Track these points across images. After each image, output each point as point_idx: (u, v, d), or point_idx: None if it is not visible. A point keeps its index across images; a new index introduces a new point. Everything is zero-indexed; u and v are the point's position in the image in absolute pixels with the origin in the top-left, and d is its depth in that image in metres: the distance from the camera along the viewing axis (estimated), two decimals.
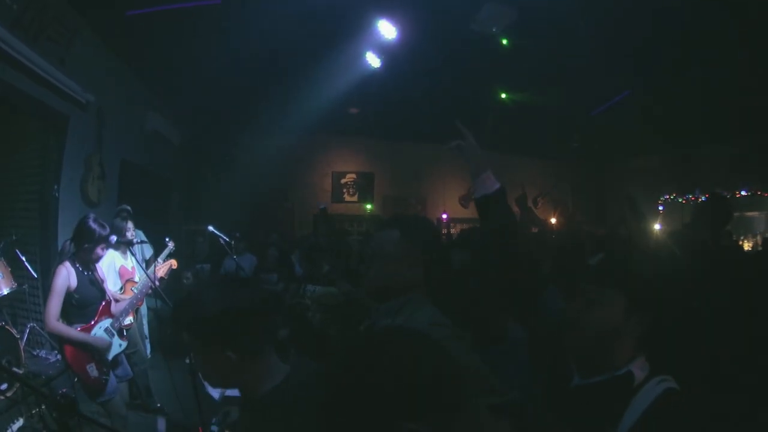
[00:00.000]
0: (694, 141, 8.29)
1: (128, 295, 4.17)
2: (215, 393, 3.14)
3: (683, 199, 8.77)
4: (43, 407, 4.01)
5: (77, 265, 3.47)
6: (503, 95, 7.39)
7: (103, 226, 3.50)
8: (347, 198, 10.37)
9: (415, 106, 7.60)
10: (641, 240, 3.44)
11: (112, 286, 4.31)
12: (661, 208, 9.20)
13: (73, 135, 5.39)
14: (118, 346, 3.66)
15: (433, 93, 7.08)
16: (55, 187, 5.31)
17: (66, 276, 3.36)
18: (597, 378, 1.46)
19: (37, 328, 5.19)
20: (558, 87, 6.85)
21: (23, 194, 5.57)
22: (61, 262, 3.46)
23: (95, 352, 3.46)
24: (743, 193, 8.06)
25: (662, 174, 9.34)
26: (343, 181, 10.39)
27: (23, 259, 4.94)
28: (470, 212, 8.74)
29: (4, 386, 4.18)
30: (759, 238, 7.94)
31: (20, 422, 4.09)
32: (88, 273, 3.55)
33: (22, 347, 4.62)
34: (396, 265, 1.79)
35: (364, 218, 10.27)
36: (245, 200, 9.15)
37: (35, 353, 5.08)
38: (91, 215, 3.55)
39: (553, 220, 10.68)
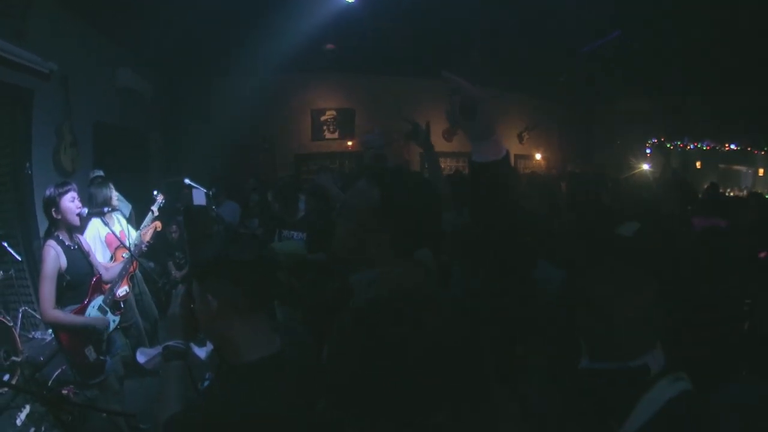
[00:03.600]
0: (686, 90, 8.14)
1: (120, 262, 3.98)
2: (201, 353, 3.20)
3: (671, 145, 8.77)
4: (45, 390, 4.11)
5: (62, 240, 3.28)
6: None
7: (60, 184, 3.28)
8: (327, 135, 10.09)
9: (393, 39, 7.25)
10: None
11: (100, 257, 4.16)
12: (648, 150, 9.19)
13: (39, 108, 5.05)
14: (112, 322, 3.56)
15: (411, 24, 6.74)
16: (27, 164, 5.06)
17: (55, 256, 3.18)
18: (608, 364, 1.36)
19: (29, 311, 5.14)
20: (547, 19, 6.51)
21: None
22: (44, 243, 3.30)
23: (93, 333, 3.35)
24: (732, 146, 8.07)
25: (652, 119, 9.22)
26: (322, 118, 10.07)
27: (5, 244, 4.79)
28: (455, 146, 8.62)
29: (6, 377, 4.15)
30: (746, 192, 8.05)
31: (27, 409, 4.09)
32: (74, 247, 3.36)
33: (17, 333, 4.61)
34: (368, 236, 1.42)
35: (345, 155, 10.08)
36: (225, 146, 8.90)
37: (30, 336, 5.07)
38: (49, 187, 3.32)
39: (538, 156, 10.69)
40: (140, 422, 3.71)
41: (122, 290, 3.88)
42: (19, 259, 4.92)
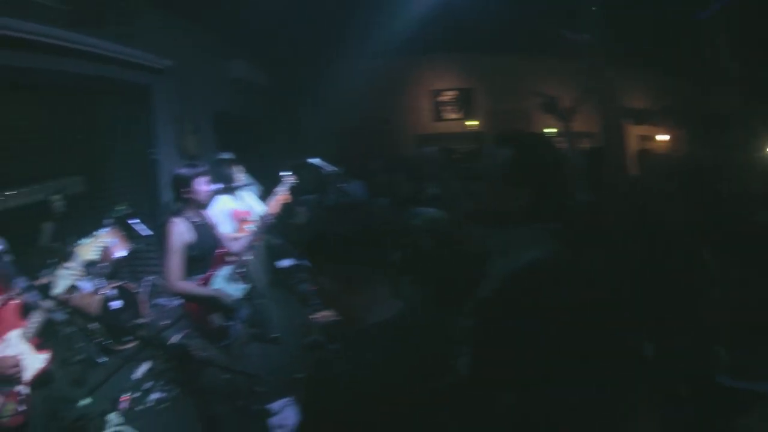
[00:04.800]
0: None
1: (244, 234, 4.08)
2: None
3: None
4: (165, 349, 4.65)
5: (189, 216, 3.35)
6: None
7: (193, 165, 3.38)
8: (448, 116, 9.94)
9: (512, 15, 6.86)
10: None
11: (226, 230, 4.27)
12: None
13: (158, 100, 5.72)
14: (239, 290, 3.59)
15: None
16: (151, 150, 5.76)
17: (181, 232, 3.25)
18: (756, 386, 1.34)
19: (156, 279, 5.91)
20: None
21: (124, 162, 6.16)
22: (169, 219, 3.36)
23: (218, 301, 3.41)
24: None
25: None
26: (442, 98, 9.95)
27: (134, 221, 5.48)
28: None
29: (130, 337, 4.83)
30: None
31: (147, 365, 4.62)
32: (201, 222, 3.44)
33: (143, 300, 5.33)
34: (507, 189, 1.56)
35: (467, 135, 9.85)
36: (344, 129, 9.11)
37: (155, 302, 5.82)
38: (179, 165, 3.49)
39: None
40: (257, 386, 4.02)
41: (247, 261, 3.99)
42: (147, 234, 5.62)
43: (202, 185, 3.33)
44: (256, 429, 3.45)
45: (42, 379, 2.46)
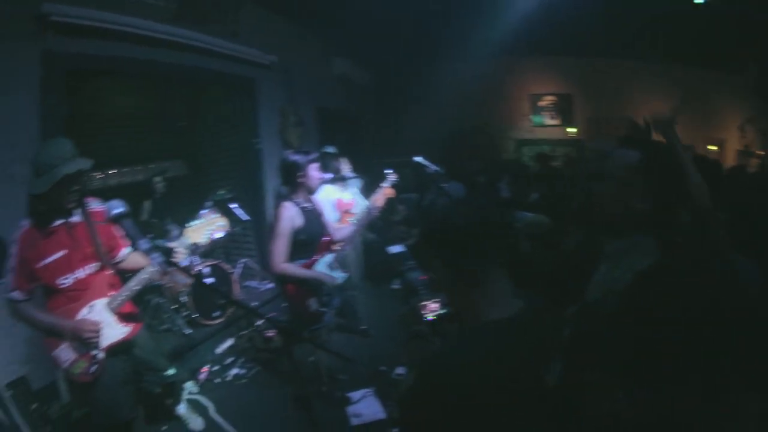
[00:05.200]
0: None
1: (346, 225, 4.14)
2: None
3: None
4: (253, 329, 4.90)
5: (299, 202, 3.40)
6: None
7: (305, 152, 3.42)
8: (548, 121, 9.58)
9: (613, 19, 6.47)
10: None
11: (330, 219, 4.37)
12: None
13: (263, 93, 6.03)
14: (338, 278, 3.60)
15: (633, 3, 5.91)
16: (255, 140, 6.08)
17: (290, 216, 3.29)
18: None
19: (249, 263, 6.27)
20: None
21: (228, 151, 6.57)
22: (280, 203, 3.42)
23: (318, 286, 3.44)
24: None
25: None
26: (541, 103, 9.61)
27: (233, 206, 5.85)
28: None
29: (218, 313, 5.17)
30: None
31: (230, 341, 4.95)
32: (310, 208, 3.48)
33: (235, 280, 5.65)
34: (628, 192, 1.55)
35: (566, 142, 9.44)
36: (443, 129, 9.11)
37: (246, 284, 6.17)
38: (288, 151, 3.52)
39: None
40: (340, 373, 4.04)
41: (347, 251, 4.05)
42: (246, 218, 5.96)
43: (314, 171, 3.38)
44: (334, 414, 3.59)
45: (121, 348, 2.66)
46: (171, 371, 3.08)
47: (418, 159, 5.16)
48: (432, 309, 2.26)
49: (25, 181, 3.41)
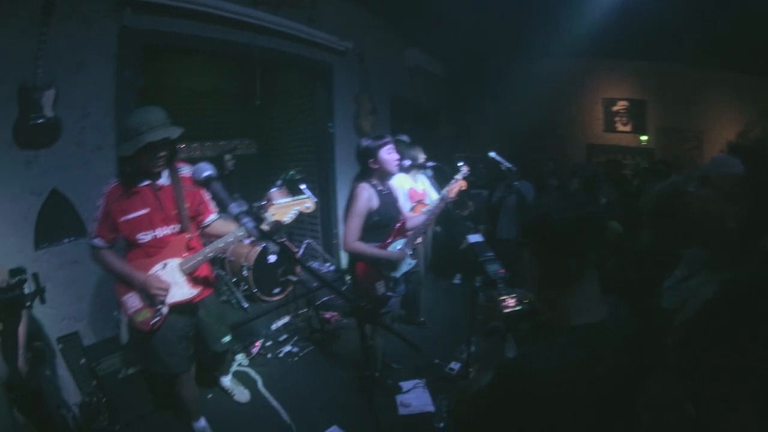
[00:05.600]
0: None
1: (419, 215, 4.11)
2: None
3: None
4: (313, 307, 4.98)
5: (375, 184, 3.43)
6: None
7: (377, 137, 3.44)
8: (620, 127, 9.15)
9: (694, 23, 6.09)
10: None
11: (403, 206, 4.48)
12: None
13: (338, 78, 6.12)
14: (408, 264, 3.63)
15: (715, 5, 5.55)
16: (330, 125, 6.19)
17: (367, 198, 3.33)
18: None
19: (313, 243, 6.39)
20: None
21: (300, 133, 6.72)
22: (357, 184, 3.44)
23: (388, 269, 3.49)
24: None
25: None
26: (614, 108, 9.18)
27: (302, 186, 5.93)
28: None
29: (277, 290, 5.27)
30: None
31: (286, 319, 5.14)
32: (386, 191, 3.51)
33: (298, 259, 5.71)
34: (727, 201, 1.49)
35: (637, 150, 9.02)
36: (514, 127, 8.91)
37: (308, 265, 6.20)
38: (362, 138, 3.53)
39: None
40: (394, 362, 4.13)
41: (419, 240, 4.05)
42: (314, 200, 6.04)
43: (386, 154, 3.40)
44: (383, 401, 3.61)
45: (186, 307, 2.80)
46: (227, 338, 3.18)
47: (493, 154, 5.10)
48: (510, 304, 2.25)
49: (94, 149, 3.69)
